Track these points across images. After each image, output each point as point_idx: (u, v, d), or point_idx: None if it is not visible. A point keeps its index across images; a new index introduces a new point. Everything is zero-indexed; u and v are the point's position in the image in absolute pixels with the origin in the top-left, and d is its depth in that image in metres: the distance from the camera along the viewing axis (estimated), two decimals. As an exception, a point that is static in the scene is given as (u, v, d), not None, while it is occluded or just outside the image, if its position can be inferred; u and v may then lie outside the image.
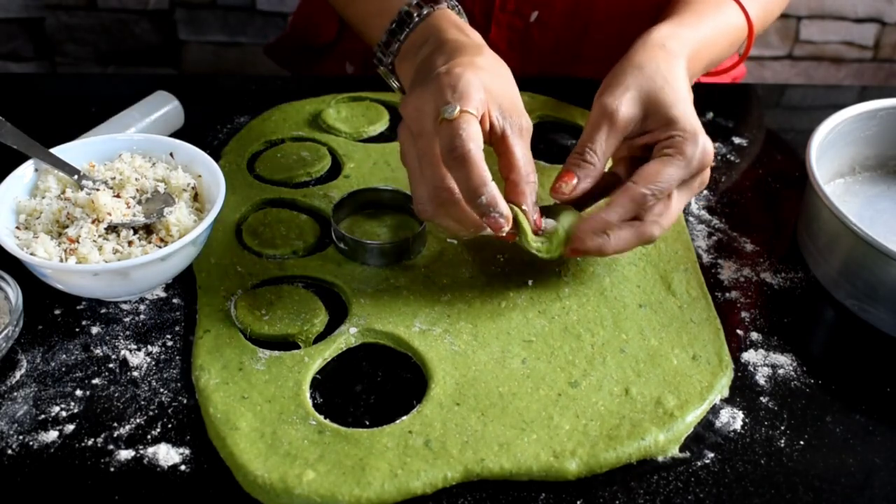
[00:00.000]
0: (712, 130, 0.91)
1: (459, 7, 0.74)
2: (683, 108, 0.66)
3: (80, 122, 0.83)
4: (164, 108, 0.85)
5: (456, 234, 0.67)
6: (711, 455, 0.57)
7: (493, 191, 0.58)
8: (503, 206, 0.59)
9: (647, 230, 0.64)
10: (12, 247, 0.62)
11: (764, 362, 0.64)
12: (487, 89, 0.62)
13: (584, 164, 0.65)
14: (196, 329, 0.64)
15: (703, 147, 0.65)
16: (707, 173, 0.68)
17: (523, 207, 0.62)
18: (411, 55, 0.70)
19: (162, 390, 0.60)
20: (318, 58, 1.13)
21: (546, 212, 0.65)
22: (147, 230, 0.66)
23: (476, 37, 0.70)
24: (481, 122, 0.61)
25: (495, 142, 0.64)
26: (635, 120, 0.67)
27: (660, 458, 0.57)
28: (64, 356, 0.62)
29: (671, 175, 0.64)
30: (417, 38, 0.71)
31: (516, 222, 0.61)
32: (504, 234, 0.61)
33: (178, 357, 0.63)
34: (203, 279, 0.68)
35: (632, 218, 0.64)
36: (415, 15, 0.71)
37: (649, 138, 0.67)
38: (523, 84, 0.93)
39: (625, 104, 0.66)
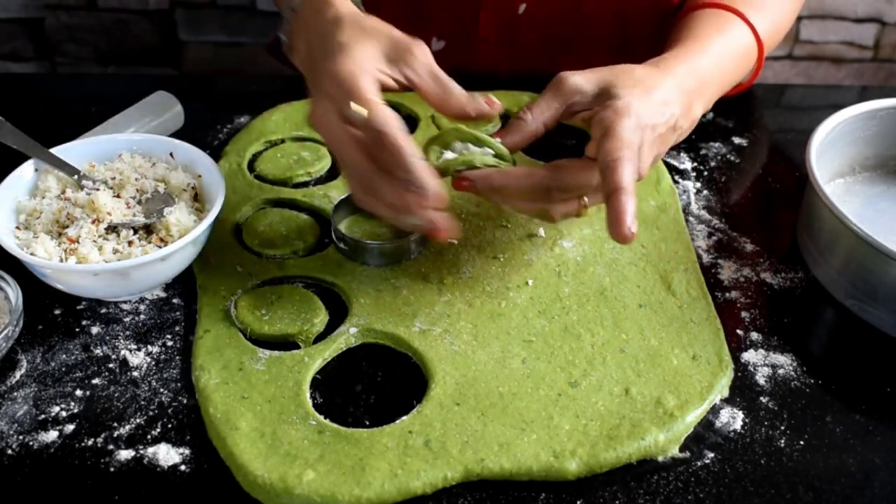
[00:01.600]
0: (712, 130, 0.91)
1: None
2: (635, 93, 0.64)
3: (80, 122, 0.83)
4: (163, 107, 0.85)
5: (395, 220, 0.64)
6: (711, 455, 0.57)
7: (418, 168, 0.58)
8: (431, 185, 0.58)
9: (542, 210, 0.64)
10: (12, 247, 0.62)
11: (764, 362, 0.64)
12: (369, 59, 0.62)
13: (518, 119, 0.66)
14: (196, 329, 0.64)
15: (626, 109, 0.62)
16: (644, 164, 0.64)
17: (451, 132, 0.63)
18: (299, 36, 0.71)
19: (162, 390, 0.60)
20: None
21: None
22: (147, 230, 0.66)
23: (346, 5, 0.68)
24: (384, 86, 0.62)
25: (402, 88, 0.64)
26: (583, 92, 0.66)
27: (660, 458, 0.57)
28: (64, 356, 0.62)
29: (576, 178, 0.63)
30: (304, 15, 0.71)
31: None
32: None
33: (178, 357, 0.63)
34: (203, 279, 0.68)
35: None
36: None
37: (588, 114, 0.66)
38: (515, 84, 0.93)
39: (578, 76, 0.66)
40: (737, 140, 0.90)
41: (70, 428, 0.57)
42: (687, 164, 0.86)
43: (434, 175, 0.59)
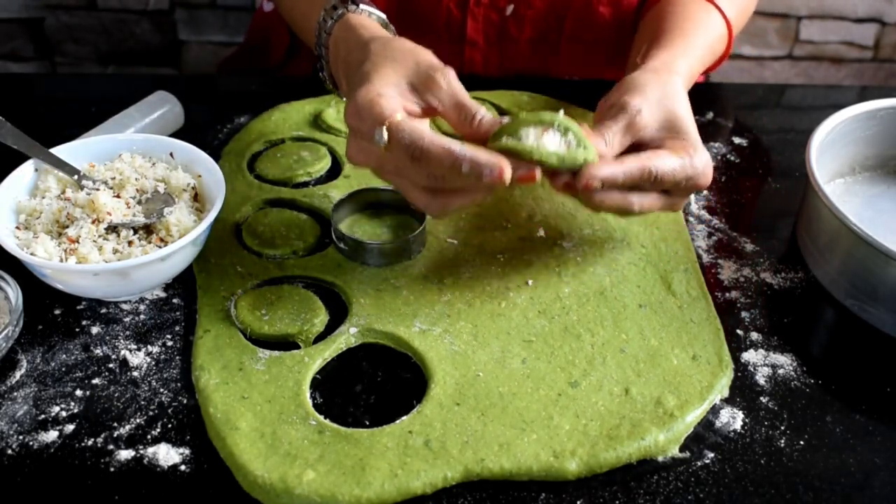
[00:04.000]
0: (712, 130, 0.91)
1: (366, 8, 0.73)
2: (694, 126, 0.67)
3: (80, 122, 0.83)
4: (164, 108, 0.85)
5: (483, 199, 0.63)
6: (711, 455, 0.57)
7: (468, 153, 0.57)
8: (489, 158, 0.56)
9: (627, 204, 0.64)
10: (12, 247, 0.62)
11: (764, 362, 0.64)
12: (391, 86, 0.62)
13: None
14: (196, 329, 0.64)
15: (706, 166, 0.65)
16: (684, 202, 0.69)
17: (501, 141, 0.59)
18: (337, 68, 0.72)
19: (162, 390, 0.60)
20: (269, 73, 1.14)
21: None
22: (147, 230, 0.66)
23: (368, 32, 0.69)
24: (410, 112, 0.62)
25: (427, 113, 0.63)
26: (653, 127, 0.66)
27: (660, 458, 0.57)
28: (64, 356, 0.62)
29: (675, 165, 0.63)
30: (332, 49, 0.72)
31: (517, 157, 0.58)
32: (523, 176, 0.58)
33: (178, 357, 0.63)
34: (203, 279, 0.68)
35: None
36: (327, 21, 0.72)
37: (658, 144, 0.66)
38: (504, 84, 0.94)
39: (647, 108, 0.65)
40: (737, 140, 0.90)
41: (70, 428, 0.57)
42: (687, 164, 0.85)
43: (485, 151, 0.57)
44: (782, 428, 0.59)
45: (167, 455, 0.56)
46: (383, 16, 0.73)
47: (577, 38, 0.99)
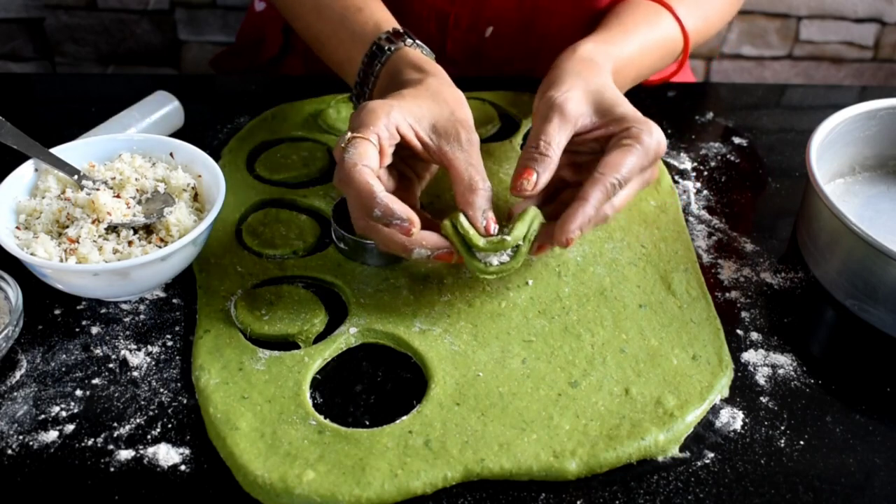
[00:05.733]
0: (712, 130, 0.91)
1: (420, 44, 0.75)
2: (628, 106, 0.69)
3: (80, 122, 0.83)
4: (164, 108, 0.85)
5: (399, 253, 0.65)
6: (711, 455, 0.57)
7: (385, 200, 0.59)
8: (402, 211, 0.59)
9: (604, 214, 0.65)
10: (12, 247, 0.62)
11: (764, 362, 0.64)
12: (412, 112, 0.64)
13: (541, 156, 0.65)
14: (196, 329, 0.64)
15: (658, 138, 0.66)
16: (657, 168, 0.70)
17: (461, 219, 0.62)
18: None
19: (162, 390, 0.60)
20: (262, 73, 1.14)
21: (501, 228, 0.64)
22: (147, 230, 0.66)
23: (429, 68, 0.71)
24: (408, 143, 0.64)
25: (436, 158, 0.65)
26: (584, 114, 0.68)
27: (660, 458, 0.57)
28: (64, 356, 0.62)
29: (633, 163, 0.65)
30: (385, 78, 0.73)
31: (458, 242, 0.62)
32: (437, 254, 0.62)
33: (178, 357, 0.63)
34: (203, 279, 0.68)
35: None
36: (378, 56, 0.73)
37: (602, 133, 0.68)
38: (496, 84, 0.94)
39: (572, 99, 0.68)
40: (737, 140, 0.90)
41: (70, 428, 0.57)
42: (687, 164, 0.86)
43: (400, 204, 0.60)
44: (782, 428, 0.59)
45: (167, 455, 0.56)
46: (433, 54, 0.75)
47: (554, 56, 1.00)
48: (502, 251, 0.62)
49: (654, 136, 0.66)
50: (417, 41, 0.75)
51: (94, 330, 0.65)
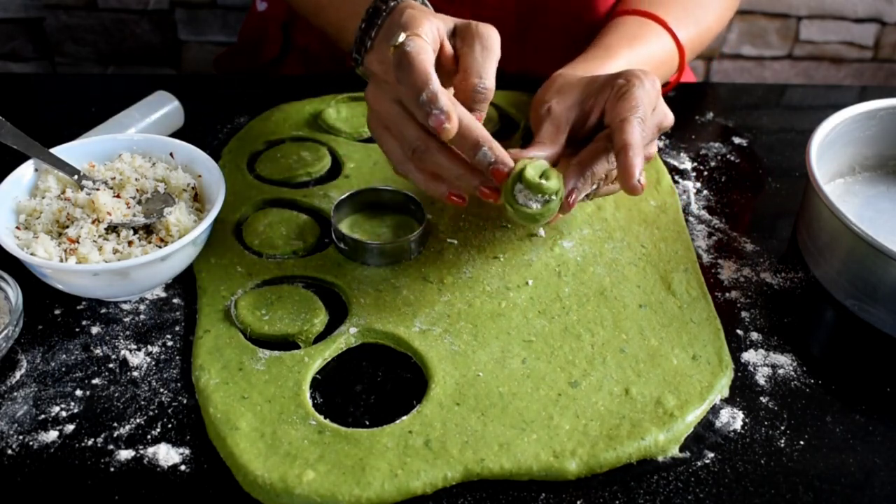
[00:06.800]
0: (712, 130, 0.91)
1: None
2: (606, 73, 0.69)
3: (80, 122, 0.83)
4: (164, 108, 0.85)
5: (436, 192, 0.65)
6: (711, 455, 0.57)
7: (435, 88, 0.59)
8: (445, 103, 0.59)
9: (650, 152, 0.67)
10: (12, 247, 0.62)
11: (764, 362, 0.64)
12: (440, 18, 0.65)
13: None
14: (196, 329, 0.64)
15: (646, 75, 0.66)
16: (666, 114, 0.69)
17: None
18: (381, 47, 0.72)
19: (162, 390, 0.60)
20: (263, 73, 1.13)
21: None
22: (147, 230, 0.66)
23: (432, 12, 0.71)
24: (441, 49, 0.64)
25: (454, 60, 0.65)
26: (572, 104, 0.68)
27: (660, 458, 0.57)
28: (64, 356, 0.62)
29: (640, 97, 0.64)
30: (386, 32, 0.71)
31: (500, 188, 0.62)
32: (482, 190, 0.61)
33: (178, 357, 0.63)
34: (203, 279, 0.68)
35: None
36: (382, 9, 0.72)
37: (597, 108, 0.68)
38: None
39: (554, 101, 0.69)
40: (737, 140, 0.90)
41: (70, 428, 0.57)
42: (687, 164, 0.86)
43: (453, 102, 0.60)
44: (782, 428, 0.59)
45: (167, 455, 0.56)
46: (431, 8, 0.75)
47: (555, 48, 1.00)
48: (539, 197, 0.62)
49: (645, 75, 0.66)
50: None
51: (94, 330, 0.65)
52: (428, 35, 0.63)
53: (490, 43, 0.65)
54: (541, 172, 0.62)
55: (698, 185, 0.83)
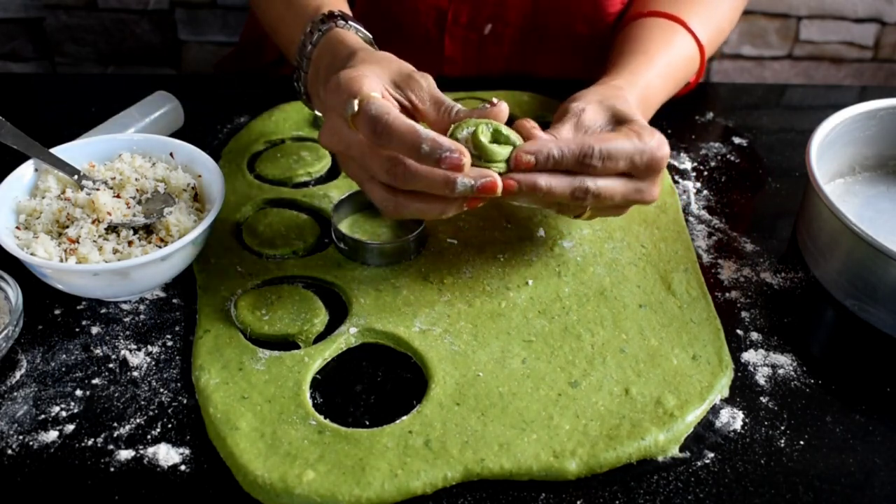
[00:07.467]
0: (712, 130, 0.91)
1: (356, 26, 0.73)
2: (643, 119, 0.67)
3: (80, 122, 0.83)
4: (164, 108, 0.85)
5: (438, 214, 0.61)
6: (711, 455, 0.57)
7: (430, 134, 0.57)
8: (448, 142, 0.57)
9: (580, 185, 0.61)
10: (12, 247, 0.62)
11: (764, 362, 0.64)
12: (373, 74, 0.62)
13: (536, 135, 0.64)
14: (196, 329, 0.64)
15: (660, 143, 0.64)
16: (657, 189, 0.66)
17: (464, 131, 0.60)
18: (317, 79, 0.72)
19: (162, 390, 0.60)
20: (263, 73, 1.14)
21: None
22: (147, 230, 0.66)
23: (357, 45, 0.70)
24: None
25: (408, 112, 0.63)
26: (599, 123, 0.66)
27: (660, 458, 0.57)
28: (64, 356, 0.62)
29: (623, 145, 0.62)
30: (316, 59, 0.72)
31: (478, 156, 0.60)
32: (482, 187, 0.58)
33: (178, 357, 0.63)
34: (203, 279, 0.68)
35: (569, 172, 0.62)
36: (314, 35, 0.72)
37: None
38: (491, 84, 0.94)
39: (590, 108, 0.67)
40: (737, 140, 0.90)
41: (70, 428, 0.57)
42: (687, 164, 0.86)
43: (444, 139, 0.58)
44: (782, 428, 0.59)
45: (167, 455, 0.56)
46: (369, 35, 0.74)
47: (555, 51, 1.00)
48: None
49: (655, 138, 0.63)
50: (352, 23, 0.73)
51: (94, 330, 0.65)
52: (375, 90, 0.61)
53: (430, 80, 0.64)
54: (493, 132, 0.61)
55: (698, 185, 0.83)
